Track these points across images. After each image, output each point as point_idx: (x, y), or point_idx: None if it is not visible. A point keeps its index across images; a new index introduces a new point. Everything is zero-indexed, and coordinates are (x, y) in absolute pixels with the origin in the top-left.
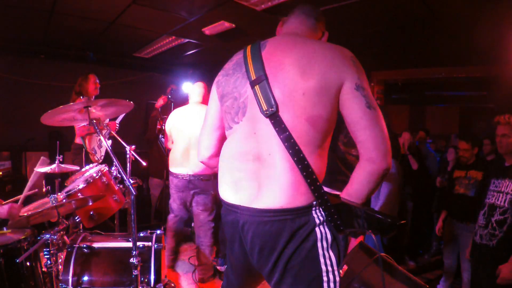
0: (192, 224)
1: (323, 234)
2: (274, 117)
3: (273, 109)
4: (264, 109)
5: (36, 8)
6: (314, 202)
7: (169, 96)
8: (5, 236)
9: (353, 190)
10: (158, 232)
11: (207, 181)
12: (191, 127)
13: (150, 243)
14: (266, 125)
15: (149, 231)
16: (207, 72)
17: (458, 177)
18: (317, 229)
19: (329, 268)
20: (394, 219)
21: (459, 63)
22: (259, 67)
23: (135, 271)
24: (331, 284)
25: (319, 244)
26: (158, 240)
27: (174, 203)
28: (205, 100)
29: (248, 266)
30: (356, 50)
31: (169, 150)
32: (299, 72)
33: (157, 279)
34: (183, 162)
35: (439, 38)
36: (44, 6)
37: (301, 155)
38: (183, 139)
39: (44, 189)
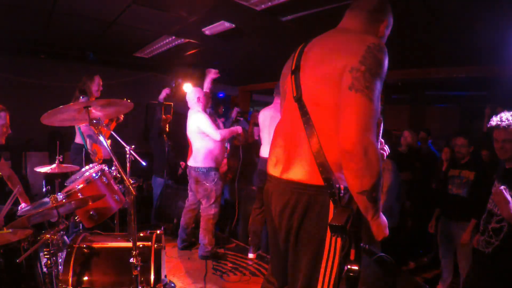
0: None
1: None
2: (299, 102)
3: (298, 95)
4: (294, 95)
5: (36, 8)
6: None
7: (173, 85)
8: (5, 236)
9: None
10: (158, 232)
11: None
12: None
13: (150, 243)
14: (296, 108)
15: (149, 231)
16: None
17: (452, 176)
18: (331, 208)
19: (332, 251)
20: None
21: (459, 63)
22: (298, 60)
23: (135, 271)
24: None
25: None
26: (158, 240)
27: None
28: (203, 105)
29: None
30: None
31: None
32: (316, 62)
33: (157, 279)
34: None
35: (439, 38)
36: (44, 6)
37: (316, 138)
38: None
39: (44, 189)
